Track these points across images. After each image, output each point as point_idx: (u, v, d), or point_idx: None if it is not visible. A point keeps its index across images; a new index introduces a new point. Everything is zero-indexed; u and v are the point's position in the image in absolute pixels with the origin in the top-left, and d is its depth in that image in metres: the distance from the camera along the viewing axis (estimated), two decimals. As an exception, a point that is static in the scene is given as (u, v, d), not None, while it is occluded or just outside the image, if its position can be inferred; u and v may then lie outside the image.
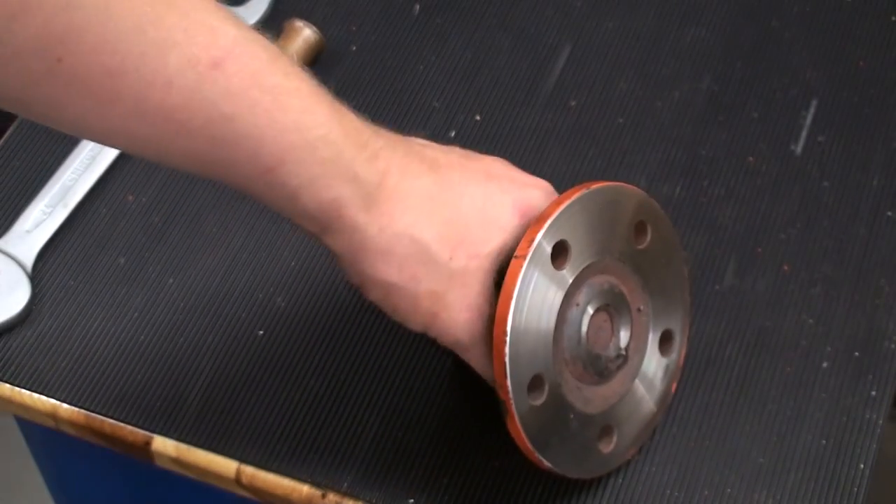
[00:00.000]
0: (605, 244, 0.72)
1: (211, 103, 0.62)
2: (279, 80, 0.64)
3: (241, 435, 0.78)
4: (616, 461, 0.75)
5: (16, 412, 0.82)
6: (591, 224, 0.71)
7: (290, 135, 0.64)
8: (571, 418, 0.71)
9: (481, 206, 0.69)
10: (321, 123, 0.65)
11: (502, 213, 0.70)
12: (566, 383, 0.71)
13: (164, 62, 0.61)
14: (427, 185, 0.68)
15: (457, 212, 0.69)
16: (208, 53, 0.62)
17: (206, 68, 0.62)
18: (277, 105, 0.64)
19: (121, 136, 0.64)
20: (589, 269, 0.71)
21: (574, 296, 0.71)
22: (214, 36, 0.62)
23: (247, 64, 0.63)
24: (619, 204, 0.73)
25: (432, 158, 0.70)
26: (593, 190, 0.71)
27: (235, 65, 0.62)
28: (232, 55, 0.62)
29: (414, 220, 0.67)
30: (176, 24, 0.61)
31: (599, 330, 0.73)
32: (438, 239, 0.68)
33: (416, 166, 0.69)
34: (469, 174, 0.70)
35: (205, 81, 0.62)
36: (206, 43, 0.62)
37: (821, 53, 0.95)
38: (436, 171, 0.69)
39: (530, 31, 0.96)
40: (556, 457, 0.71)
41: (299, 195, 0.66)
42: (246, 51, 0.63)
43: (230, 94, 0.62)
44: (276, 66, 0.64)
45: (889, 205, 0.88)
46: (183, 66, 0.61)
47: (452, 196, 0.69)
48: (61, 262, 0.85)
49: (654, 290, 0.75)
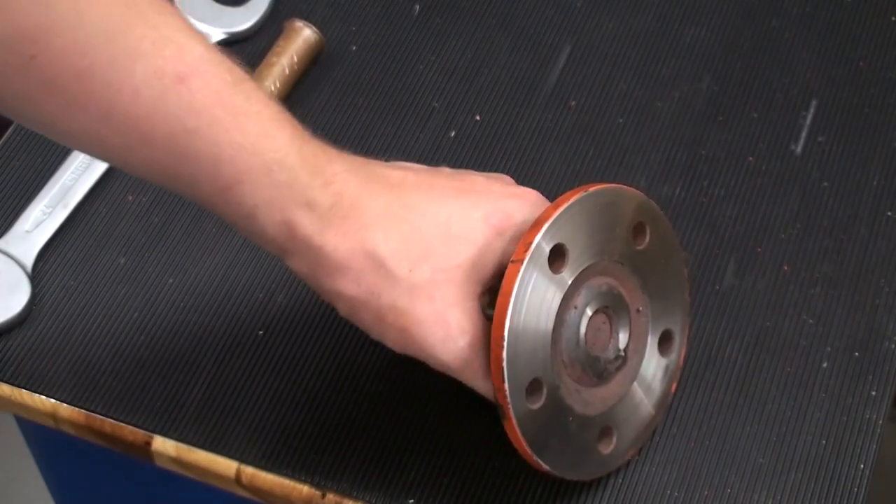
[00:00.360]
0: (604, 246, 0.72)
1: (175, 116, 0.64)
2: (241, 102, 0.66)
3: (241, 435, 0.78)
4: (616, 462, 0.75)
5: (16, 412, 0.82)
6: (590, 226, 0.71)
7: (247, 156, 0.66)
8: (570, 421, 0.71)
9: (445, 221, 0.70)
10: (278, 148, 0.67)
11: (470, 226, 0.70)
12: (565, 386, 0.71)
13: (131, 70, 0.63)
14: (384, 204, 0.69)
15: (416, 229, 0.69)
16: (174, 67, 0.64)
17: (171, 81, 0.64)
18: (237, 126, 0.66)
19: (88, 140, 0.66)
20: (587, 271, 0.71)
21: (572, 298, 0.71)
22: (181, 52, 0.64)
23: (210, 82, 0.65)
24: (618, 205, 0.73)
25: (398, 180, 0.71)
26: (591, 192, 0.71)
27: (200, 81, 0.65)
28: (197, 72, 0.65)
29: (369, 236, 0.68)
30: (145, 35, 0.64)
31: (598, 332, 0.73)
32: (395, 253, 0.68)
33: (374, 187, 0.69)
34: (435, 192, 0.71)
35: (170, 94, 0.64)
36: (172, 57, 0.64)
37: (821, 53, 0.95)
38: (396, 191, 0.70)
39: (530, 31, 0.96)
40: (554, 459, 0.71)
41: (255, 215, 0.68)
42: (211, 70, 0.65)
43: (193, 109, 0.64)
44: (239, 88, 0.66)
45: (889, 205, 0.88)
46: (149, 77, 0.64)
47: (412, 214, 0.69)
48: (61, 262, 0.85)
49: (653, 290, 0.75)
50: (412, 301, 0.68)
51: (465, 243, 0.69)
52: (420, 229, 0.69)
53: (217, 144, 0.65)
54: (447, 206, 0.70)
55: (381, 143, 0.90)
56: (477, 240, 0.69)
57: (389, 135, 0.91)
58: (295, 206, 0.67)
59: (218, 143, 0.65)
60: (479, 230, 0.70)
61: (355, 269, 0.68)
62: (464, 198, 0.71)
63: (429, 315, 0.69)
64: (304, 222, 0.68)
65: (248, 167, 0.66)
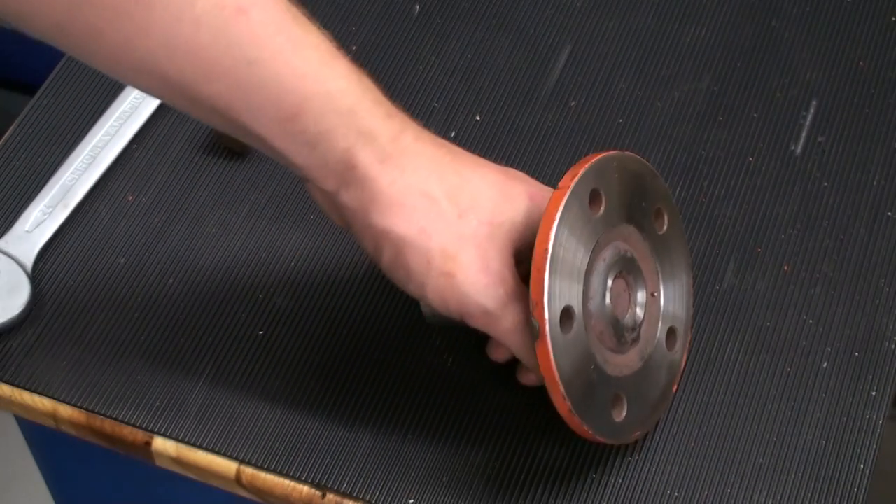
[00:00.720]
0: (632, 212, 0.74)
1: (236, 46, 0.65)
2: (301, 34, 0.67)
3: (241, 435, 0.78)
4: (622, 435, 0.74)
5: (16, 412, 0.82)
6: (623, 186, 0.73)
7: (310, 83, 0.67)
8: (592, 369, 0.71)
9: (492, 182, 0.71)
10: (340, 76, 0.68)
11: (514, 193, 0.71)
12: (590, 333, 0.71)
13: (191, 3, 0.64)
14: (440, 153, 0.71)
15: (467, 181, 0.70)
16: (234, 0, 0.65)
17: (232, 13, 0.65)
18: (298, 55, 0.67)
19: (151, 73, 0.67)
20: (616, 230, 0.72)
21: (602, 249, 0.72)
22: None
23: (271, 14, 0.66)
24: (646, 178, 0.74)
25: (445, 143, 0.72)
26: (627, 155, 0.73)
27: (260, 14, 0.66)
28: (257, 4, 0.66)
29: (425, 177, 0.69)
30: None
31: (619, 297, 0.73)
32: (447, 197, 0.70)
33: (429, 136, 0.71)
34: (480, 161, 0.73)
35: (231, 25, 0.65)
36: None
37: (821, 53, 0.95)
38: (448, 147, 0.72)
39: (530, 31, 0.96)
40: (576, 398, 0.70)
41: (317, 144, 0.68)
42: (270, 2, 0.66)
43: (254, 39, 0.65)
44: (297, 21, 0.68)
45: (889, 205, 0.88)
46: (210, 8, 0.65)
47: (463, 168, 0.71)
48: (61, 262, 0.85)
49: (666, 279, 0.76)
50: (460, 246, 0.69)
51: (509, 205, 0.71)
52: (470, 182, 0.70)
53: (279, 74, 0.66)
54: (492, 173, 0.72)
55: (381, 143, 0.90)
56: (519, 206, 0.71)
57: (389, 135, 0.91)
58: (357, 134, 0.68)
59: (280, 73, 0.66)
60: (521, 198, 0.71)
61: (409, 205, 0.69)
62: (506, 175, 0.73)
63: (474, 262, 0.69)
64: (366, 151, 0.68)
65: (312, 94, 0.67)
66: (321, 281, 0.84)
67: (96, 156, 0.89)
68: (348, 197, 0.70)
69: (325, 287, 0.83)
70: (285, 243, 0.86)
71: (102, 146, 0.89)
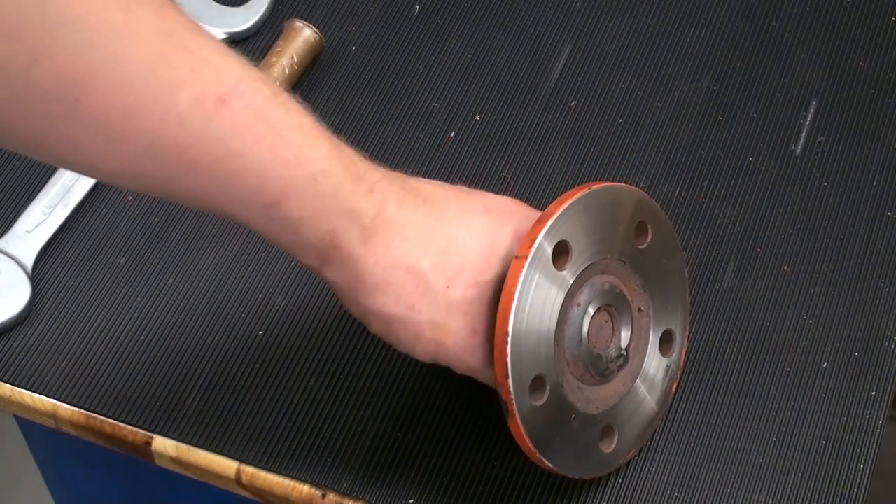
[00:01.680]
0: (606, 244, 0.72)
1: (220, 140, 0.64)
2: (282, 115, 0.65)
3: (241, 435, 0.78)
4: (617, 461, 0.75)
5: (16, 412, 0.82)
6: (593, 224, 0.71)
7: (292, 169, 0.65)
8: (573, 419, 0.71)
9: (479, 236, 0.70)
10: (322, 157, 0.66)
11: (502, 242, 0.70)
12: (567, 383, 0.71)
13: (175, 100, 0.62)
14: (422, 216, 0.69)
15: (453, 242, 0.69)
16: (215, 90, 0.63)
17: (213, 105, 0.63)
18: (280, 140, 0.65)
19: (133, 174, 0.65)
20: (590, 269, 0.71)
21: (575, 296, 0.71)
22: (219, 73, 0.63)
23: (251, 100, 0.64)
24: (620, 204, 0.73)
25: (428, 192, 0.71)
26: (594, 190, 0.71)
27: (240, 101, 0.64)
28: (236, 92, 0.64)
29: (409, 251, 0.68)
30: (184, 63, 0.62)
31: (600, 330, 0.73)
32: (434, 268, 0.69)
33: (411, 199, 0.69)
34: (466, 206, 0.71)
35: (213, 118, 0.63)
36: (212, 80, 0.63)
37: (821, 53, 0.95)
38: (432, 203, 0.70)
39: (530, 32, 0.96)
40: (557, 457, 0.71)
41: (300, 228, 0.67)
42: (249, 87, 0.64)
43: (237, 130, 0.64)
44: (277, 101, 0.65)
45: (889, 205, 0.88)
46: (192, 104, 0.63)
47: (448, 227, 0.70)
48: (61, 262, 0.85)
49: (654, 290, 0.75)
50: (448, 316, 0.69)
51: (498, 258, 0.70)
52: (456, 242, 0.69)
53: (262, 161, 0.65)
54: (478, 220, 0.71)
55: (381, 143, 0.90)
56: (509, 255, 0.70)
57: (389, 135, 0.91)
58: (340, 214, 0.67)
59: (263, 160, 0.65)
60: (509, 245, 0.70)
61: (396, 285, 0.68)
62: (493, 215, 0.71)
63: (462, 328, 0.69)
64: (348, 231, 0.67)
65: (294, 180, 0.65)
66: (321, 281, 0.84)
67: (96, 156, 0.89)
68: (333, 274, 0.69)
69: (325, 287, 0.83)
70: (285, 243, 0.86)
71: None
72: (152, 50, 0.61)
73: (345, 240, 0.67)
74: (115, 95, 0.61)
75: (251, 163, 0.64)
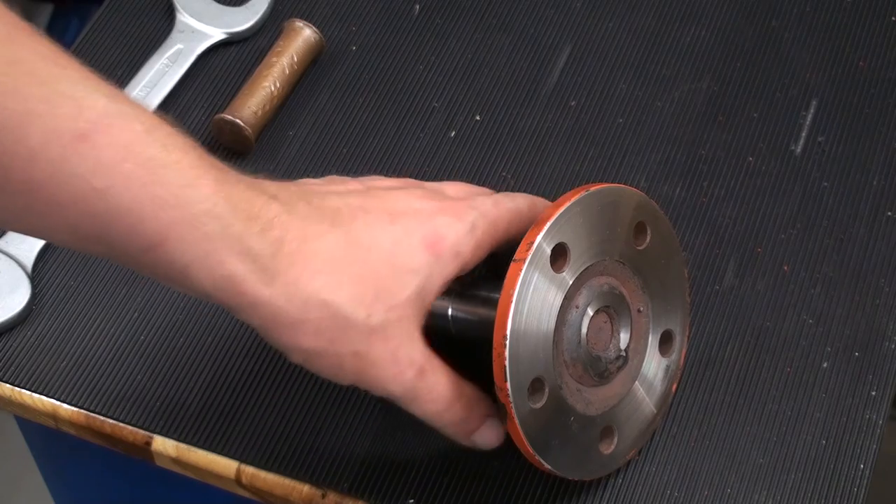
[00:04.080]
0: (605, 245, 0.72)
1: (79, 177, 0.60)
2: (156, 153, 0.61)
3: (241, 435, 0.78)
4: (616, 462, 0.75)
5: (16, 412, 0.82)
6: (590, 226, 0.71)
7: (170, 210, 0.61)
8: (572, 420, 0.71)
9: (389, 253, 0.67)
10: (205, 196, 0.62)
11: (412, 255, 0.68)
12: (566, 385, 0.71)
13: (24, 134, 0.59)
14: (331, 244, 0.66)
15: (366, 266, 0.66)
16: (74, 125, 0.59)
17: (71, 141, 0.59)
18: (155, 179, 0.61)
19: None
20: (589, 270, 0.71)
21: (574, 298, 0.71)
22: (79, 108, 0.60)
23: (118, 136, 0.60)
24: (619, 205, 0.73)
25: (333, 211, 0.67)
26: (592, 192, 0.71)
27: (105, 138, 0.60)
28: (99, 127, 0.60)
29: (323, 285, 0.65)
30: (35, 95, 0.59)
31: (599, 331, 0.73)
32: (351, 300, 0.66)
33: (316, 227, 0.66)
34: (372, 218, 0.68)
35: (71, 155, 0.59)
36: (70, 115, 0.59)
37: (821, 53, 0.95)
38: (339, 225, 0.67)
39: (530, 32, 0.96)
40: (556, 459, 0.71)
41: (189, 274, 0.63)
42: (117, 123, 0.60)
43: (101, 167, 0.60)
44: (151, 137, 0.61)
45: (889, 205, 0.88)
46: (46, 139, 0.59)
47: (359, 251, 0.67)
48: (61, 262, 0.85)
49: (653, 291, 0.75)
50: (370, 345, 0.67)
51: (411, 274, 0.67)
52: (368, 265, 0.67)
53: (135, 201, 0.60)
54: (387, 234, 0.68)
55: (381, 143, 0.90)
56: (421, 269, 0.68)
57: (389, 135, 0.91)
58: (233, 258, 0.63)
59: (136, 200, 0.60)
60: (421, 258, 0.68)
61: (313, 320, 0.65)
62: (400, 222, 0.68)
63: (383, 355, 0.67)
64: (247, 275, 0.63)
65: (173, 221, 0.61)
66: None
67: (96, 156, 0.89)
68: (245, 317, 0.66)
69: (325, 287, 0.83)
70: (285, 243, 0.86)
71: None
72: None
73: (246, 285, 0.63)
74: None
75: (121, 202, 0.60)
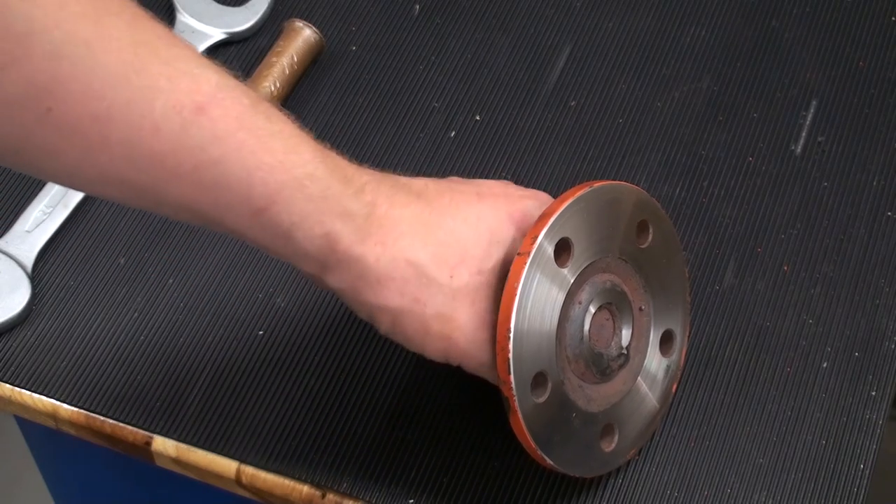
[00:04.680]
0: (608, 243, 0.72)
1: (198, 147, 0.64)
2: (262, 123, 0.66)
3: (241, 435, 0.78)
4: (617, 461, 0.75)
5: (16, 412, 0.82)
6: (594, 222, 0.71)
7: (278, 174, 0.66)
8: (573, 416, 0.71)
9: (475, 224, 0.70)
10: (307, 161, 0.66)
11: (498, 227, 0.71)
12: (568, 381, 0.71)
13: (150, 108, 0.63)
14: (416, 211, 0.70)
15: (451, 233, 0.70)
16: (192, 99, 0.64)
17: (190, 113, 0.64)
18: (263, 146, 0.65)
19: (114, 183, 0.66)
20: (591, 267, 0.71)
21: (576, 294, 0.71)
22: (197, 82, 0.64)
23: (230, 108, 0.65)
24: (622, 203, 0.73)
25: (419, 189, 0.71)
26: (595, 188, 0.71)
27: (219, 109, 0.64)
28: (215, 100, 0.64)
29: (408, 244, 0.68)
30: (159, 72, 0.63)
31: (601, 328, 0.73)
32: (435, 259, 0.69)
33: (402, 197, 0.70)
34: (458, 197, 0.71)
35: (191, 126, 0.64)
36: (189, 89, 0.64)
37: (821, 53, 0.95)
38: (425, 198, 0.71)
39: (530, 31, 0.96)
40: (557, 454, 0.71)
41: (293, 234, 0.67)
42: (228, 96, 0.65)
43: (216, 137, 0.64)
44: (258, 109, 0.66)
45: (889, 205, 0.88)
46: (168, 112, 0.63)
47: (444, 219, 0.70)
48: (61, 262, 0.85)
49: (655, 289, 0.75)
50: (455, 307, 0.69)
51: (497, 245, 0.70)
52: (454, 233, 0.70)
53: (246, 168, 0.65)
54: (473, 208, 0.71)
55: (381, 143, 0.90)
56: (506, 240, 0.70)
57: (389, 135, 0.91)
58: (332, 217, 0.67)
59: (246, 167, 0.65)
60: (507, 230, 0.71)
61: (398, 278, 0.68)
62: (486, 201, 0.72)
63: (471, 320, 0.69)
64: (344, 233, 0.67)
65: (281, 185, 0.66)
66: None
67: (96, 156, 0.89)
68: (334, 279, 0.69)
69: (325, 287, 0.84)
70: (285, 243, 0.86)
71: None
72: (124, 60, 0.62)
73: (341, 242, 0.67)
74: (86, 104, 0.62)
75: (234, 170, 0.65)
